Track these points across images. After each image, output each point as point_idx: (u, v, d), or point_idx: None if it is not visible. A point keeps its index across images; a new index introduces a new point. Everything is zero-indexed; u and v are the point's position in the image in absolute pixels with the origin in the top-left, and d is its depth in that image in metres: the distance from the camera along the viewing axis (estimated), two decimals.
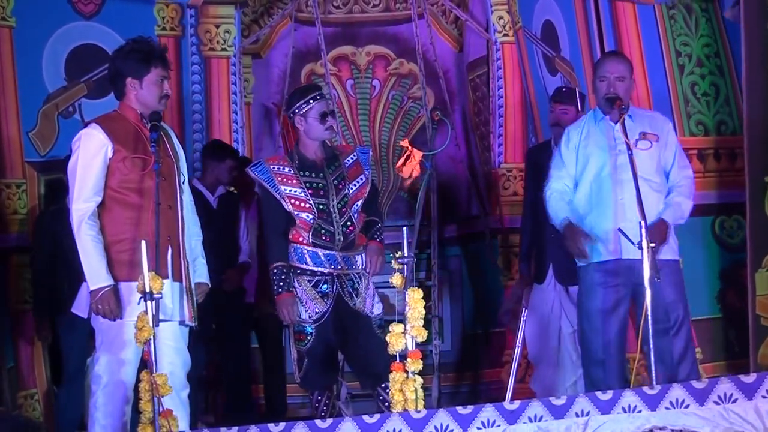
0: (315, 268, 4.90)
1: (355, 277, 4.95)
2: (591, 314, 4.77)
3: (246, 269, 6.43)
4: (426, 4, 7.59)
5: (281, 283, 4.88)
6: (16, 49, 6.20)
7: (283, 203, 4.89)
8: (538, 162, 5.84)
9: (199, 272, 4.49)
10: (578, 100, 5.64)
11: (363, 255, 5.00)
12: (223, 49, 6.99)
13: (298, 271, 4.91)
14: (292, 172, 4.94)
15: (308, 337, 4.91)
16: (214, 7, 6.99)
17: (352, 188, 4.98)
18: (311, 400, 5.08)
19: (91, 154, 4.21)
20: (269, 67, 7.71)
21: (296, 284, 4.90)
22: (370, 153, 5.35)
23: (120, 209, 4.23)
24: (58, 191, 6.07)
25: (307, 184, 4.91)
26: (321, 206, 4.89)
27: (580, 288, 4.90)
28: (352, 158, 5.08)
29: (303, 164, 4.96)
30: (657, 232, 4.53)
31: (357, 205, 4.98)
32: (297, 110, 4.97)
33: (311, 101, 4.95)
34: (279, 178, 4.92)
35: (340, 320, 4.94)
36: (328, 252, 4.89)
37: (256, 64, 7.67)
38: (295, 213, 4.89)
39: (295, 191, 4.90)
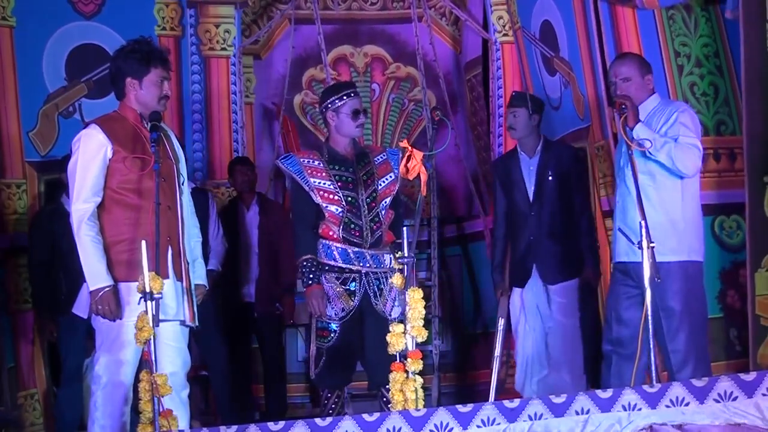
0: (343, 265, 4.91)
1: (382, 277, 4.96)
2: (607, 310, 4.95)
3: (214, 278, 6.16)
4: (426, 6, 7.59)
5: (311, 275, 4.90)
6: (16, 49, 6.22)
7: (312, 195, 4.91)
8: (507, 170, 5.91)
9: (198, 273, 4.50)
10: (528, 102, 5.77)
11: (391, 254, 5.01)
12: (223, 49, 7.00)
13: (326, 268, 4.92)
14: (321, 165, 4.96)
15: (332, 335, 4.91)
16: (214, 7, 7.00)
17: (381, 184, 5.00)
18: (320, 398, 5.07)
19: (90, 154, 4.20)
20: (269, 68, 7.72)
21: (324, 281, 4.91)
22: (400, 155, 5.36)
23: (119, 210, 4.22)
24: (56, 191, 6.08)
25: (336, 177, 4.93)
26: (350, 199, 4.91)
27: None
28: (382, 157, 5.11)
29: (333, 158, 4.99)
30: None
31: (386, 202, 5.00)
32: (330, 105, 5.01)
33: (345, 97, 4.99)
34: (308, 171, 4.95)
35: (362, 319, 4.95)
36: (357, 249, 4.90)
37: (256, 65, 7.67)
38: (324, 206, 4.90)
39: (325, 183, 4.92)
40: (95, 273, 4.15)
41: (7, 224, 6.15)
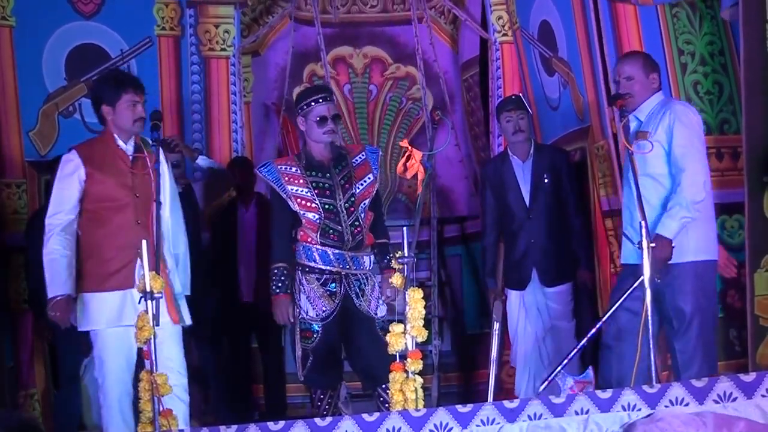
0: (324, 267, 4.91)
1: (362, 278, 4.97)
2: (610, 303, 4.88)
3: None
4: (425, 6, 7.58)
5: (279, 284, 4.92)
6: (16, 49, 6.22)
7: (289, 203, 4.92)
8: (499, 175, 5.91)
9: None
10: (526, 104, 5.85)
11: (371, 256, 5.03)
12: (223, 49, 6.99)
13: (307, 269, 4.92)
14: (299, 172, 4.96)
15: (315, 336, 4.92)
16: (213, 7, 6.99)
17: (359, 188, 4.99)
18: (313, 399, 5.08)
19: (65, 177, 4.53)
20: (267, 65, 7.71)
21: (304, 282, 4.92)
22: (380, 153, 5.36)
23: (94, 226, 4.51)
24: None
25: (314, 184, 4.93)
26: (327, 206, 4.91)
27: None
28: (360, 158, 5.09)
29: (310, 164, 4.98)
30: (660, 248, 4.41)
31: (364, 204, 5.00)
32: (299, 110, 5.01)
33: (312, 103, 4.97)
34: (286, 178, 4.95)
35: (345, 319, 4.95)
36: (337, 251, 4.91)
37: (254, 62, 7.66)
38: (301, 213, 4.91)
39: (302, 191, 4.92)
40: (52, 283, 4.45)
41: (6, 224, 6.15)
